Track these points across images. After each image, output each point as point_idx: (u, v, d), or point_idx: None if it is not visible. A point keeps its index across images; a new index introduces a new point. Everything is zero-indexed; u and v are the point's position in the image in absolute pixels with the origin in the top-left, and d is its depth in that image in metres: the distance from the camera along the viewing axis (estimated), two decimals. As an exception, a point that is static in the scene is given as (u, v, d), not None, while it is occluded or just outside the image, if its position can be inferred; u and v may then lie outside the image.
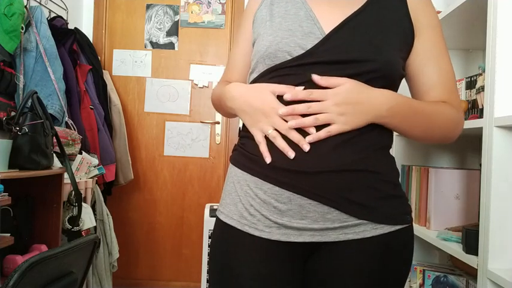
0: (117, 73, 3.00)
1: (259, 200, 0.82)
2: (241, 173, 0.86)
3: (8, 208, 1.62)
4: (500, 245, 1.13)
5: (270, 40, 0.85)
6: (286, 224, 0.80)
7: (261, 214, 0.82)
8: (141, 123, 3.03)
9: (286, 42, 0.83)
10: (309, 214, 0.79)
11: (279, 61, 0.84)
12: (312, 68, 0.81)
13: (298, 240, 0.80)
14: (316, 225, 0.79)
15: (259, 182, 0.82)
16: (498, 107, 1.15)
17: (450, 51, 1.88)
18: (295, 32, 0.84)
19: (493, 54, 1.16)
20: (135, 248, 3.02)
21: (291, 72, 0.83)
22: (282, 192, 0.80)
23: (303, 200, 0.79)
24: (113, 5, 3.01)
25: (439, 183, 1.58)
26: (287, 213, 0.80)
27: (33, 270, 1.03)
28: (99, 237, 2.30)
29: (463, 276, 1.58)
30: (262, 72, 0.87)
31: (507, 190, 1.13)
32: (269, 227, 0.81)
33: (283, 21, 0.86)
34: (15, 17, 1.87)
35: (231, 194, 0.87)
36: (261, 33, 0.90)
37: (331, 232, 0.80)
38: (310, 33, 0.83)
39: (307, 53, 0.82)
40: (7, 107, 1.97)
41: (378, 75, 0.81)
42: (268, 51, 0.85)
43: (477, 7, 1.34)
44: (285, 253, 0.82)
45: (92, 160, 2.20)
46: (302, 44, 0.83)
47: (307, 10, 0.86)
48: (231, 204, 0.86)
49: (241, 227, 0.83)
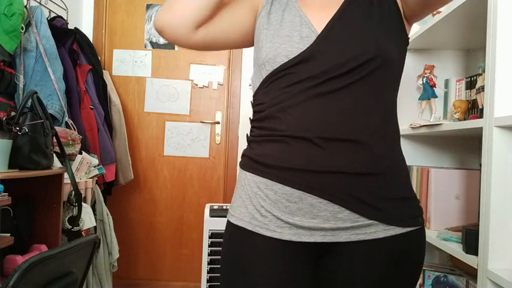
0: (117, 73, 3.00)
1: (270, 201, 0.82)
2: (251, 175, 0.86)
3: (8, 208, 1.62)
4: (500, 245, 1.13)
5: (268, 47, 0.87)
6: (298, 224, 0.81)
7: (272, 215, 0.82)
8: (141, 123, 3.03)
9: (284, 47, 0.85)
10: (320, 213, 0.80)
11: (278, 64, 0.86)
12: (309, 65, 0.83)
13: (309, 240, 0.81)
14: (327, 224, 0.80)
15: (269, 183, 0.83)
16: (498, 107, 1.15)
17: (450, 51, 1.89)
18: (292, 37, 0.86)
19: (493, 54, 1.16)
20: (135, 248, 3.02)
21: (290, 72, 0.84)
22: (293, 191, 0.80)
23: (314, 199, 0.80)
24: (113, 5, 3.01)
25: (439, 183, 1.58)
26: (298, 212, 0.80)
27: (33, 270, 1.03)
28: (99, 237, 2.30)
29: (463, 276, 1.58)
30: (263, 79, 0.89)
31: (507, 190, 1.13)
32: (280, 227, 0.82)
33: (280, 29, 0.88)
34: (15, 17, 1.87)
35: (241, 197, 0.88)
36: (259, 39, 0.92)
37: (342, 232, 0.80)
38: (307, 37, 0.85)
39: (303, 53, 0.84)
40: (7, 107, 1.97)
41: (372, 62, 0.82)
42: (268, 57, 0.87)
43: (477, 7, 1.34)
44: (297, 253, 0.83)
45: (92, 160, 2.20)
46: (299, 47, 0.85)
47: (302, 16, 0.88)
48: (242, 207, 0.87)
49: (253, 228, 0.84)
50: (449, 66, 1.90)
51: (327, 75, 0.81)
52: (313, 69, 0.82)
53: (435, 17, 1.56)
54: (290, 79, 0.84)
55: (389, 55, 0.84)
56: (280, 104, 0.84)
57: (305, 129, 0.80)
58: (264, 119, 0.87)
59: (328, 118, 0.80)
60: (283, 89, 0.85)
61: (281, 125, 0.83)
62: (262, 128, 0.87)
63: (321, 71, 0.82)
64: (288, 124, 0.82)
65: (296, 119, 0.81)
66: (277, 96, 0.85)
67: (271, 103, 0.86)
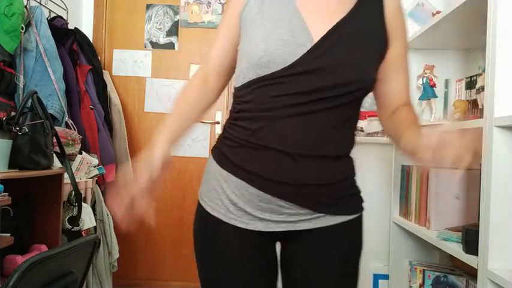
0: (117, 73, 3.00)
1: (245, 199, 0.94)
2: (228, 174, 0.96)
3: (8, 208, 1.62)
4: (500, 245, 1.13)
5: (263, 49, 0.88)
6: (267, 218, 0.94)
7: (246, 211, 0.94)
8: (141, 123, 3.03)
9: (279, 53, 0.88)
10: (286, 211, 0.94)
11: (270, 71, 0.89)
12: (300, 78, 0.88)
13: (276, 229, 0.95)
14: (291, 218, 0.95)
15: (245, 185, 0.93)
16: (498, 107, 1.15)
17: (450, 51, 1.89)
18: (288, 43, 0.88)
19: (493, 54, 1.16)
20: (135, 248, 3.02)
21: (281, 81, 0.89)
22: (265, 195, 0.92)
23: (282, 202, 0.93)
24: (113, 5, 3.01)
25: (439, 183, 1.58)
26: (268, 210, 0.94)
27: (33, 270, 1.03)
28: (99, 237, 2.30)
29: (463, 276, 1.58)
30: (252, 79, 0.92)
31: (507, 190, 1.13)
32: (252, 220, 0.95)
33: (276, 29, 0.89)
34: (15, 17, 1.87)
35: (216, 190, 0.98)
36: (250, 35, 0.92)
37: (303, 223, 0.95)
38: (302, 44, 0.88)
39: (297, 62, 0.87)
40: (7, 107, 1.97)
41: (358, 88, 0.91)
42: (261, 60, 0.89)
43: (477, 7, 1.34)
44: (266, 241, 0.98)
45: (92, 160, 2.20)
46: (294, 54, 0.88)
47: (299, 19, 0.90)
48: (217, 199, 0.97)
49: (228, 220, 0.96)
50: (449, 66, 1.90)
51: (314, 96, 0.88)
52: (304, 84, 0.88)
53: (435, 17, 1.56)
54: (280, 89, 0.89)
55: (372, 84, 0.95)
56: (267, 113, 0.90)
57: (286, 145, 0.90)
58: (249, 120, 0.93)
59: (307, 137, 0.90)
60: (273, 98, 0.90)
61: (265, 135, 0.91)
62: (246, 128, 0.94)
63: (311, 89, 0.88)
64: (272, 136, 0.90)
65: (280, 133, 0.90)
66: (265, 103, 0.91)
67: (259, 108, 0.91)
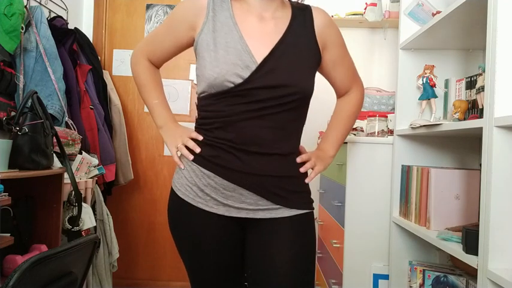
0: (117, 73, 3.00)
1: (211, 187, 1.14)
2: (197, 166, 1.16)
3: (8, 208, 1.62)
4: (500, 245, 1.13)
5: (217, 72, 1.10)
6: (230, 204, 1.14)
7: (211, 196, 1.14)
8: (141, 123, 3.03)
9: (230, 74, 1.10)
10: (246, 200, 1.14)
11: (224, 88, 1.10)
12: (251, 92, 1.10)
13: (237, 215, 1.15)
14: (250, 206, 1.14)
15: (212, 175, 1.14)
16: (498, 107, 1.15)
17: (450, 51, 1.89)
18: (236, 66, 1.10)
19: (493, 54, 1.16)
20: (135, 248, 3.02)
21: (236, 95, 1.10)
22: (229, 184, 1.12)
23: (243, 191, 1.13)
24: (113, 5, 3.01)
25: (439, 183, 1.58)
26: (231, 198, 1.14)
27: (33, 270, 1.03)
28: (99, 237, 2.31)
29: (463, 276, 1.58)
30: (212, 93, 1.13)
31: (507, 190, 1.13)
32: (216, 205, 1.15)
33: (226, 55, 1.11)
34: (15, 17, 1.87)
35: (186, 178, 1.18)
36: (206, 58, 1.13)
37: (260, 212, 1.15)
38: (247, 66, 1.10)
39: (246, 81, 1.10)
40: (7, 107, 1.97)
41: (298, 97, 1.13)
42: (216, 81, 1.10)
43: (477, 7, 1.34)
44: (228, 225, 1.16)
45: (92, 160, 2.20)
46: (242, 75, 1.10)
47: (244, 45, 1.12)
48: (187, 186, 1.18)
49: (196, 203, 1.16)
50: (449, 66, 1.90)
51: (265, 103, 1.10)
52: (255, 96, 1.10)
53: (435, 17, 1.56)
54: (236, 100, 1.11)
55: (310, 91, 1.17)
56: (226, 118, 1.12)
57: (245, 143, 1.11)
58: (213, 127, 1.14)
59: (263, 136, 1.11)
60: (230, 106, 1.11)
61: (228, 136, 1.12)
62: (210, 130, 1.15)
63: (261, 99, 1.10)
64: (233, 137, 1.11)
65: (239, 133, 1.11)
66: (225, 111, 1.12)
67: (220, 115, 1.13)
